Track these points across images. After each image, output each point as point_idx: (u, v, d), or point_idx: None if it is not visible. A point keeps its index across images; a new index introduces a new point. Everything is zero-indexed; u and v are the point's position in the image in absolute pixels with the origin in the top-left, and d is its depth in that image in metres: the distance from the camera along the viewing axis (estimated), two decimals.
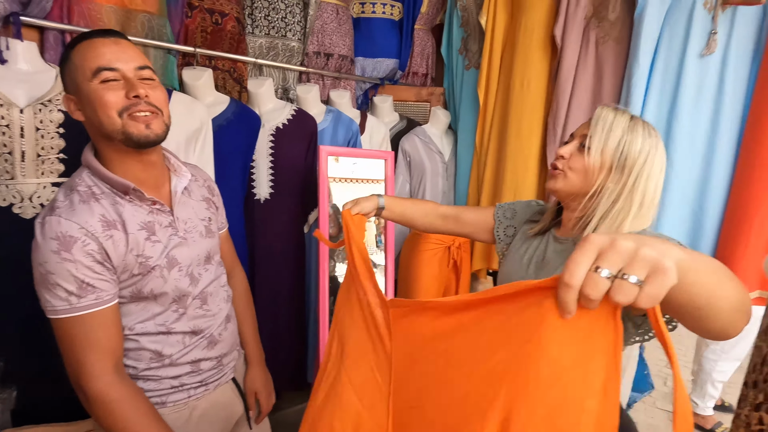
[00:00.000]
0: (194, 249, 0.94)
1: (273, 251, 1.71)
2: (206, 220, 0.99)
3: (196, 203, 0.98)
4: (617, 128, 0.79)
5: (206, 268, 0.97)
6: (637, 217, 0.81)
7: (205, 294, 0.96)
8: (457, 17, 2.13)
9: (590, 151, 0.80)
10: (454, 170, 2.16)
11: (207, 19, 1.51)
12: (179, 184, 0.93)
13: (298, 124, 1.70)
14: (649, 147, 0.81)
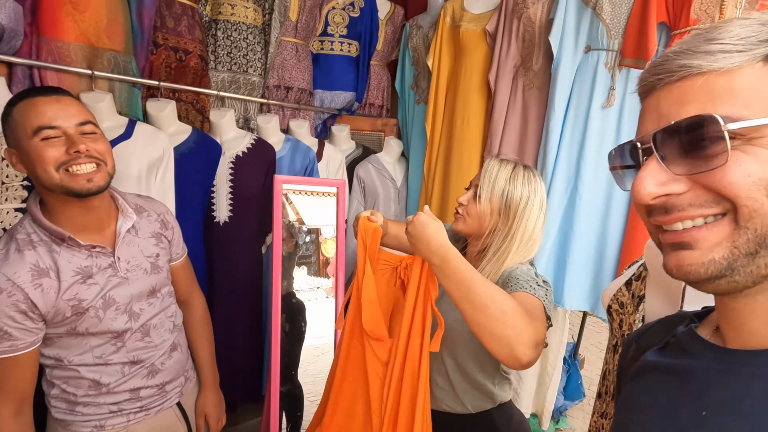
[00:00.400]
0: (136, 287, 0.98)
1: (231, 270, 1.81)
2: (153, 257, 1.04)
3: (144, 241, 1.03)
4: (501, 179, 0.98)
5: (150, 302, 1.02)
6: (517, 253, 0.99)
7: (148, 327, 1.01)
8: (409, 56, 2.34)
9: (481, 199, 0.98)
10: (406, 195, 2.34)
11: (171, 56, 1.63)
12: (123, 226, 0.98)
13: (258, 152, 1.83)
14: (529, 193, 0.99)
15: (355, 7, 2.16)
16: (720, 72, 0.35)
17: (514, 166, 1.00)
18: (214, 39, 1.78)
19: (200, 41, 1.70)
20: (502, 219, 0.98)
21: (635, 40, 1.47)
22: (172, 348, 1.08)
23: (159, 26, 1.59)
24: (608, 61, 1.55)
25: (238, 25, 1.80)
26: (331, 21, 2.14)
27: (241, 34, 1.81)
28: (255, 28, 1.84)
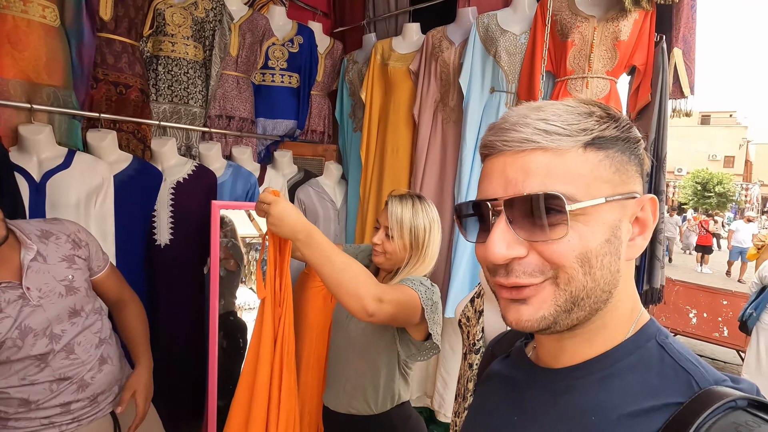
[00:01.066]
0: (52, 311, 1.04)
1: (172, 290, 1.90)
2: (67, 280, 1.09)
3: (54, 266, 1.08)
4: (405, 217, 1.17)
5: (72, 323, 1.08)
6: (421, 269, 1.19)
7: (72, 345, 1.07)
8: (347, 88, 2.53)
9: (393, 239, 1.17)
10: (345, 216, 2.50)
11: (112, 90, 1.74)
12: (26, 256, 1.03)
13: (198, 178, 1.94)
14: (429, 222, 1.19)
15: (294, 44, 2.34)
16: (555, 151, 0.41)
17: (412, 201, 1.20)
18: (155, 73, 1.90)
19: (141, 76, 1.81)
20: (413, 249, 1.17)
21: (526, 85, 1.72)
22: (101, 361, 1.14)
23: (99, 63, 1.70)
24: (508, 101, 1.80)
25: (179, 61, 1.92)
26: (272, 56, 2.30)
27: (182, 68, 1.93)
28: (196, 63, 1.97)
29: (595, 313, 0.43)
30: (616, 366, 0.43)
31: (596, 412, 0.41)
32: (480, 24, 1.86)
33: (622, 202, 0.42)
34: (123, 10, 1.72)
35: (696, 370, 0.40)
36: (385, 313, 0.96)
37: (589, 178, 0.41)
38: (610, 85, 1.64)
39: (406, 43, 2.21)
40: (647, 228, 0.43)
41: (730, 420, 0.35)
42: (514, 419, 0.48)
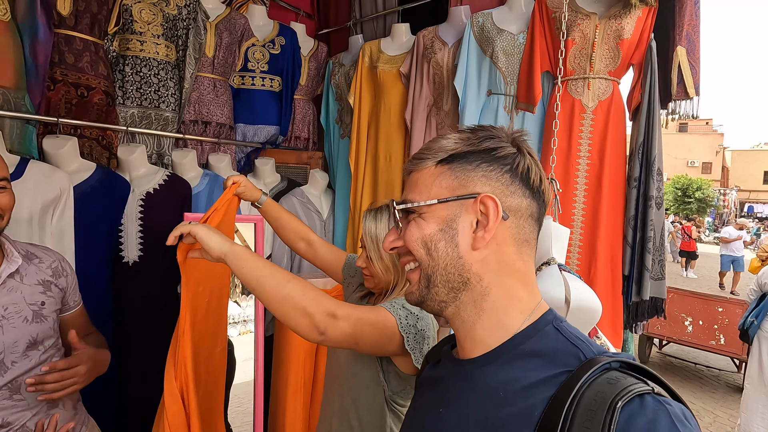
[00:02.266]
0: (10, 336, 0.93)
1: (143, 311, 1.72)
2: (37, 305, 0.99)
3: (28, 287, 0.99)
4: (380, 234, 1.02)
5: (26, 355, 0.95)
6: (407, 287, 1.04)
7: (19, 383, 0.93)
8: (333, 92, 2.40)
9: (372, 261, 1.03)
10: (332, 227, 2.35)
11: (71, 92, 1.57)
12: (6, 270, 0.95)
13: (171, 188, 1.77)
14: None
15: (275, 45, 2.20)
16: (419, 171, 0.56)
17: (389, 214, 1.04)
18: (122, 74, 1.74)
19: (105, 77, 1.65)
20: (400, 268, 1.02)
21: (525, 86, 1.62)
22: (50, 406, 1.00)
23: (57, 62, 1.53)
24: (506, 104, 1.69)
25: (149, 61, 1.77)
26: (251, 57, 2.16)
27: (151, 69, 1.78)
28: (167, 64, 1.82)
29: (458, 294, 0.53)
30: (520, 348, 0.51)
31: (503, 387, 0.49)
32: (475, 23, 1.75)
33: (459, 202, 0.53)
34: (84, 4, 1.56)
35: (583, 345, 0.49)
36: (340, 330, 0.82)
37: (432, 186, 0.54)
38: (613, 86, 1.54)
39: (396, 44, 2.09)
40: (488, 222, 0.51)
41: (605, 377, 0.44)
42: (440, 411, 0.55)
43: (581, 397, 0.43)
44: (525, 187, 0.53)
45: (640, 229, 1.49)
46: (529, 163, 0.53)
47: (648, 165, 1.50)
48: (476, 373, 0.53)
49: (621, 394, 0.42)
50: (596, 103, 1.51)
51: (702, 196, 21.73)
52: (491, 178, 0.52)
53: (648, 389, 0.43)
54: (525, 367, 0.49)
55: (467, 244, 0.52)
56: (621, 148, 1.52)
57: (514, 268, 0.53)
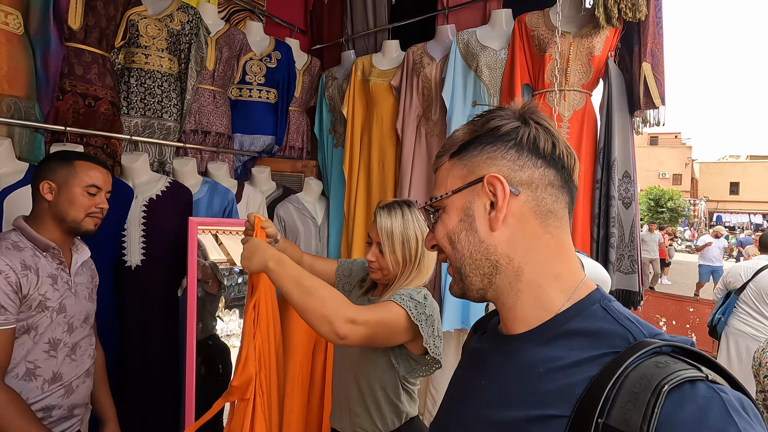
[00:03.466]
0: (79, 306, 1.20)
1: (144, 314, 1.76)
2: (90, 288, 1.28)
3: (87, 274, 1.28)
4: (396, 230, 1.11)
5: (83, 326, 1.22)
6: (416, 280, 1.13)
7: (77, 346, 1.19)
8: (326, 104, 2.52)
9: (385, 254, 1.12)
10: (326, 233, 2.44)
11: (79, 102, 1.64)
12: (79, 259, 1.25)
13: (173, 195, 1.84)
14: (422, 230, 1.13)
15: (272, 59, 2.31)
16: (439, 168, 0.59)
17: (401, 210, 1.13)
18: (127, 86, 1.81)
19: (111, 88, 1.72)
20: (406, 261, 1.12)
21: (507, 98, 1.77)
22: (86, 374, 1.23)
23: (66, 73, 1.60)
24: None
25: (153, 73, 1.85)
26: (249, 71, 2.26)
27: (155, 81, 1.86)
28: (170, 76, 1.90)
29: (492, 279, 0.53)
30: (563, 327, 0.49)
31: (544, 364, 0.48)
32: (460, 40, 1.90)
33: (471, 188, 0.54)
34: (94, 19, 1.64)
35: (633, 326, 0.47)
36: (358, 335, 0.93)
37: (447, 179, 0.56)
38: (586, 98, 1.70)
39: (387, 59, 2.23)
40: (497, 200, 0.52)
41: (653, 360, 0.42)
42: (482, 383, 0.55)
43: (625, 379, 0.41)
44: (536, 157, 0.52)
45: (603, 227, 1.64)
46: (536, 131, 0.52)
47: (608, 167, 1.65)
48: (518, 349, 0.52)
49: (668, 378, 0.39)
50: (571, 113, 1.67)
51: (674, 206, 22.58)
52: (496, 157, 0.52)
53: (701, 375, 0.40)
54: (568, 346, 0.48)
55: (486, 227, 0.52)
56: (592, 154, 1.67)
57: (542, 243, 0.52)
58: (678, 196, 23.09)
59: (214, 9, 2.16)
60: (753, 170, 27.79)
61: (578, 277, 0.53)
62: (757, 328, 2.79)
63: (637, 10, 1.50)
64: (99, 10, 1.65)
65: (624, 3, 1.48)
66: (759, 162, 28.68)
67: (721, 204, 27.80)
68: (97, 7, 1.65)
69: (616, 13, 1.50)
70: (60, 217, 1.16)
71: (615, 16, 1.51)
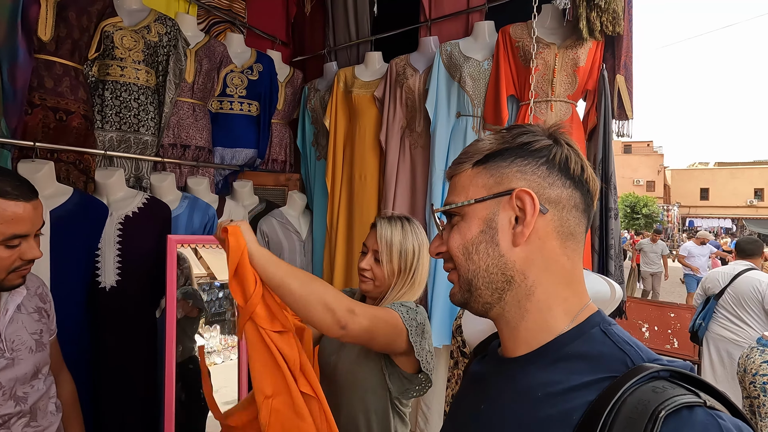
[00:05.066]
0: (21, 368, 0.92)
1: (120, 338, 1.67)
2: (37, 333, 0.98)
3: (27, 317, 0.98)
4: (395, 240, 1.10)
5: (32, 385, 0.95)
6: (409, 294, 1.11)
7: (35, 410, 0.95)
8: (308, 116, 2.48)
9: (383, 263, 1.10)
10: (311, 247, 2.38)
11: (50, 116, 1.56)
12: (11, 302, 0.93)
13: (150, 212, 1.76)
14: (419, 244, 1.13)
15: (253, 71, 2.27)
16: (459, 174, 0.56)
17: (401, 223, 1.14)
18: (101, 99, 1.74)
19: (84, 101, 1.65)
20: (401, 273, 1.10)
21: (492, 109, 1.77)
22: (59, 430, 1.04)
23: (36, 86, 1.52)
24: (474, 125, 1.83)
25: (129, 86, 1.78)
26: (230, 83, 2.22)
27: (131, 94, 1.79)
28: (147, 89, 1.84)
29: (503, 295, 0.52)
30: (563, 350, 0.49)
31: (543, 388, 0.48)
32: (443, 52, 1.90)
33: (496, 199, 0.52)
34: (66, 30, 1.57)
35: (631, 351, 0.46)
36: (359, 325, 0.89)
37: (469, 187, 0.54)
38: (572, 108, 1.72)
39: (369, 71, 2.21)
40: (525, 215, 0.50)
41: (650, 385, 0.41)
42: (482, 407, 0.54)
43: (622, 404, 0.41)
44: (565, 177, 0.51)
45: (603, 238, 1.65)
46: (567, 152, 0.52)
47: (606, 179, 1.67)
48: (518, 372, 0.52)
49: (665, 404, 0.39)
50: None
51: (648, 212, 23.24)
52: (526, 172, 0.51)
53: (699, 401, 0.39)
54: (568, 370, 0.47)
55: (508, 241, 0.51)
56: None
57: (558, 264, 0.52)
58: (652, 203, 23.79)
59: (193, 20, 2.12)
60: (721, 176, 28.94)
61: (583, 300, 0.53)
62: (736, 332, 2.85)
63: (617, 24, 1.53)
64: (71, 20, 1.59)
65: (605, 17, 1.50)
66: (726, 169, 29.90)
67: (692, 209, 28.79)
68: (69, 17, 1.58)
69: (598, 26, 1.53)
70: None
71: (597, 29, 1.53)
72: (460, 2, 2.05)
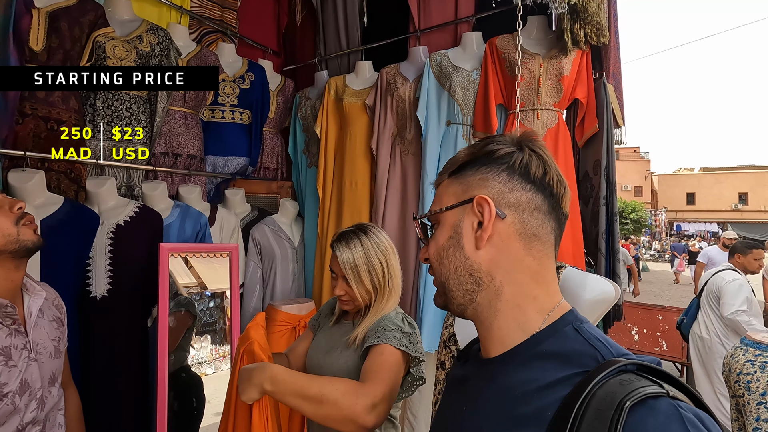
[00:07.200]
0: (44, 371, 0.93)
1: (111, 347, 1.66)
2: (56, 340, 1.00)
3: (48, 323, 0.99)
4: (359, 261, 1.09)
5: (50, 391, 0.96)
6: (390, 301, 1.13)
7: (47, 419, 0.95)
8: (300, 124, 2.51)
9: (353, 286, 1.10)
10: (303, 254, 2.39)
11: (41, 126, 1.56)
12: (33, 305, 0.95)
13: (142, 220, 1.76)
14: (384, 254, 1.12)
15: (245, 80, 2.29)
16: (439, 186, 0.61)
17: (359, 240, 1.11)
18: (93, 108, 1.74)
19: (76, 111, 1.65)
20: (378, 288, 1.11)
21: (482, 118, 1.80)
22: None
23: (27, 96, 1.52)
24: (464, 133, 1.87)
25: (120, 96, 1.79)
26: (222, 92, 2.23)
27: (123, 103, 1.80)
28: (139, 98, 1.85)
29: (474, 296, 0.55)
30: (537, 349, 0.51)
31: (521, 386, 0.49)
32: (433, 61, 1.94)
33: (462, 207, 0.56)
34: (57, 41, 1.58)
35: (601, 347, 0.48)
36: (383, 413, 0.90)
37: (443, 196, 0.59)
38: (558, 116, 1.76)
39: (360, 79, 2.24)
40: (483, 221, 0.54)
41: (618, 378, 0.44)
42: (463, 409, 0.56)
43: (592, 397, 0.43)
44: (525, 181, 0.54)
45: (610, 242, 1.67)
46: (528, 157, 0.54)
47: (611, 185, 1.70)
48: (496, 372, 0.54)
49: (631, 395, 0.41)
50: (545, 131, 1.72)
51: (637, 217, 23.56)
52: (488, 179, 0.55)
53: (662, 392, 0.42)
54: (543, 368, 0.49)
55: (472, 245, 0.54)
56: (570, 169, 1.72)
57: (524, 265, 0.54)
58: (640, 208, 24.12)
59: (185, 30, 2.13)
60: (706, 181, 29.49)
61: (555, 299, 0.55)
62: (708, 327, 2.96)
63: (601, 35, 1.58)
64: (63, 31, 1.59)
65: (589, 27, 1.55)
66: (711, 174, 30.49)
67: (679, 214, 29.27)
68: (61, 28, 1.59)
69: (582, 37, 1.57)
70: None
71: (582, 39, 1.58)
72: (449, 13, 2.10)
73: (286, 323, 2.02)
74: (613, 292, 0.98)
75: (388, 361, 0.97)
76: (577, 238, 1.68)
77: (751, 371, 1.79)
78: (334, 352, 1.11)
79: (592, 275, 1.04)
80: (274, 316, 2.03)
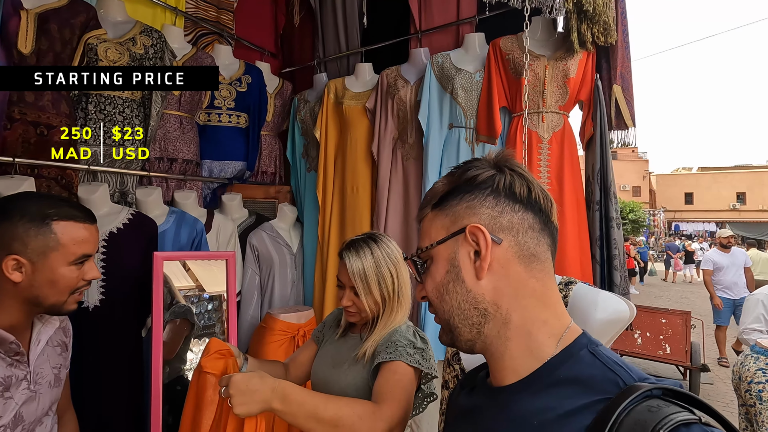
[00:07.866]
0: (41, 403, 0.88)
1: (104, 359, 1.60)
2: (57, 368, 0.94)
3: (52, 350, 0.94)
4: (369, 271, 1.05)
5: (42, 422, 0.90)
6: (400, 313, 1.07)
7: None
8: (298, 127, 2.46)
9: (361, 297, 1.05)
10: (302, 260, 2.34)
11: (30, 131, 1.50)
12: (44, 333, 0.90)
13: (136, 227, 1.71)
14: (394, 264, 1.08)
15: (242, 83, 2.24)
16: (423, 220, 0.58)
17: (369, 249, 1.07)
18: (85, 113, 1.69)
19: (67, 115, 1.60)
20: (387, 300, 1.06)
21: (485, 121, 1.76)
22: None
23: (16, 100, 1.47)
24: (467, 136, 1.82)
25: (113, 99, 1.74)
26: (218, 95, 2.18)
27: (116, 107, 1.74)
28: (133, 102, 1.79)
29: (481, 329, 0.53)
30: (554, 375, 0.49)
31: (537, 416, 0.47)
32: (435, 63, 1.90)
33: (454, 238, 0.54)
34: (47, 43, 1.52)
35: (622, 371, 0.47)
36: None
37: (431, 230, 0.56)
38: (564, 119, 1.72)
39: (360, 82, 2.20)
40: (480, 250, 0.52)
41: (645, 404, 0.42)
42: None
43: (620, 426, 0.41)
44: (513, 202, 0.52)
45: (606, 248, 1.63)
46: (510, 178, 0.53)
47: (606, 188, 1.66)
48: (510, 401, 0.51)
49: (663, 423, 0.39)
50: (550, 134, 1.67)
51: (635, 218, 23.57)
52: (475, 206, 0.53)
53: (694, 418, 0.40)
54: (560, 395, 0.47)
55: (472, 276, 0.52)
56: (577, 173, 1.67)
57: (528, 288, 0.52)
58: (639, 208, 24.14)
59: (180, 32, 2.08)
60: (704, 181, 29.54)
61: (565, 321, 0.53)
62: None
63: (609, 35, 1.54)
64: (53, 33, 1.54)
65: (596, 28, 1.50)
66: (709, 173, 30.55)
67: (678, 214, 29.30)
68: (50, 30, 1.54)
69: (589, 38, 1.53)
70: (35, 301, 0.85)
71: (588, 40, 1.54)
72: (450, 14, 2.06)
73: (284, 332, 1.97)
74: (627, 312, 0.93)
75: (401, 381, 0.93)
76: (585, 247, 1.64)
77: (763, 380, 1.75)
78: (341, 367, 1.06)
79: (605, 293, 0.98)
80: (272, 325, 1.97)
